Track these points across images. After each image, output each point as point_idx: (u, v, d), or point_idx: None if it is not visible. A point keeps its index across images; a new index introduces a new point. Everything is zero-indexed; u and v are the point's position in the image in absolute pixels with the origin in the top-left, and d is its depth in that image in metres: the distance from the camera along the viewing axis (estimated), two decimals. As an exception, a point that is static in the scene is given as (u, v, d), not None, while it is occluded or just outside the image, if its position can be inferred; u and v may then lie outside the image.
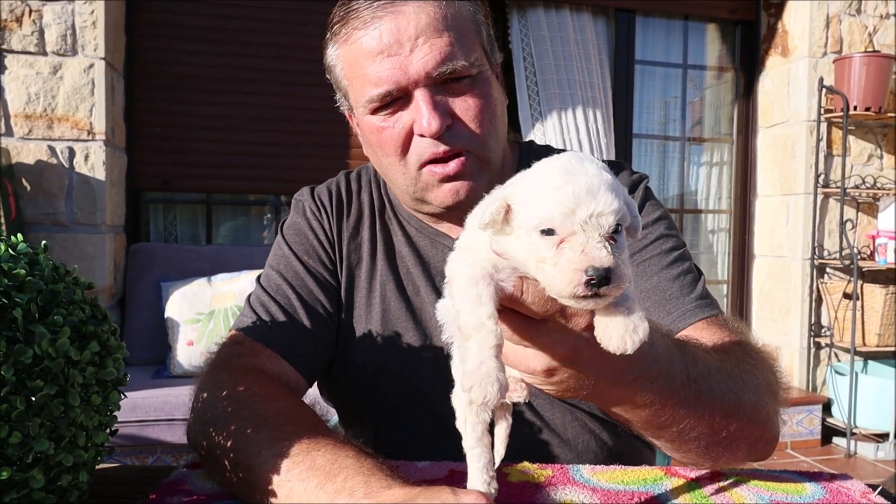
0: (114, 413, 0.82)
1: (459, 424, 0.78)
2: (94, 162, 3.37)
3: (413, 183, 1.12)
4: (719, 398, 0.88)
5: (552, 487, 0.92)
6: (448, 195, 1.11)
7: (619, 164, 1.26)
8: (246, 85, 3.95)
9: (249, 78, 3.95)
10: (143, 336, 3.52)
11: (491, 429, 0.81)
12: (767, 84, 4.72)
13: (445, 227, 1.21)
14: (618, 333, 0.65)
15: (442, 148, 1.07)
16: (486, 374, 0.62)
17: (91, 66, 3.34)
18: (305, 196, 1.27)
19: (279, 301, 1.16)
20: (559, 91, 4.29)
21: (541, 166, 0.68)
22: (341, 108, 1.22)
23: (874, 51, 4.29)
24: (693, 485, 0.94)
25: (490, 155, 1.11)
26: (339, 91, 1.18)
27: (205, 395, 0.98)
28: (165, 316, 3.41)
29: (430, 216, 1.21)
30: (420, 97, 1.05)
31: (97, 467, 0.98)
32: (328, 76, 1.18)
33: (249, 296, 1.19)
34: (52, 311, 0.74)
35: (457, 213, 1.08)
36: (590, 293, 0.62)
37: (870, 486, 0.95)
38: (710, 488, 0.93)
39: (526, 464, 1.00)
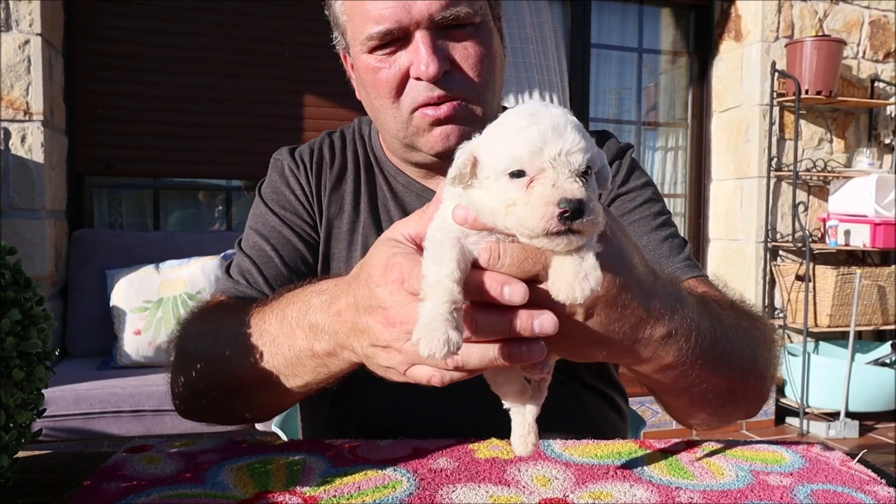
0: (41, 391, 0.74)
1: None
2: (31, 143, 3.20)
3: (404, 127, 1.09)
4: (739, 355, 0.88)
5: (523, 463, 0.87)
6: (438, 140, 1.07)
7: (606, 133, 1.26)
8: (195, 64, 3.79)
9: (199, 57, 3.79)
10: (87, 326, 3.38)
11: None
12: (721, 68, 4.75)
13: (433, 183, 1.18)
14: (566, 282, 0.62)
15: (437, 93, 1.04)
16: (434, 327, 0.60)
17: (26, 42, 3.16)
18: (284, 155, 1.26)
19: (257, 260, 1.15)
20: (515, 74, 4.26)
21: (505, 114, 0.67)
22: (336, 46, 1.19)
23: (824, 35, 4.35)
24: (668, 456, 0.90)
25: (485, 107, 1.09)
26: (336, 28, 1.15)
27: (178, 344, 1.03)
28: (111, 305, 3.27)
29: (418, 170, 1.18)
30: (420, 39, 1.02)
31: (25, 454, 0.90)
32: (326, 12, 1.15)
33: (229, 264, 1.19)
34: (-36, 274, 0.65)
35: (447, 165, 1.06)
36: (563, 228, 0.60)
37: (848, 454, 0.92)
38: (686, 459, 0.89)
39: (494, 440, 0.95)
